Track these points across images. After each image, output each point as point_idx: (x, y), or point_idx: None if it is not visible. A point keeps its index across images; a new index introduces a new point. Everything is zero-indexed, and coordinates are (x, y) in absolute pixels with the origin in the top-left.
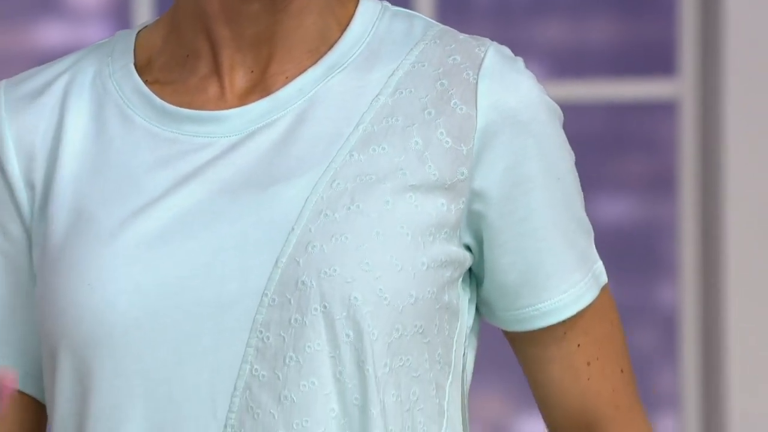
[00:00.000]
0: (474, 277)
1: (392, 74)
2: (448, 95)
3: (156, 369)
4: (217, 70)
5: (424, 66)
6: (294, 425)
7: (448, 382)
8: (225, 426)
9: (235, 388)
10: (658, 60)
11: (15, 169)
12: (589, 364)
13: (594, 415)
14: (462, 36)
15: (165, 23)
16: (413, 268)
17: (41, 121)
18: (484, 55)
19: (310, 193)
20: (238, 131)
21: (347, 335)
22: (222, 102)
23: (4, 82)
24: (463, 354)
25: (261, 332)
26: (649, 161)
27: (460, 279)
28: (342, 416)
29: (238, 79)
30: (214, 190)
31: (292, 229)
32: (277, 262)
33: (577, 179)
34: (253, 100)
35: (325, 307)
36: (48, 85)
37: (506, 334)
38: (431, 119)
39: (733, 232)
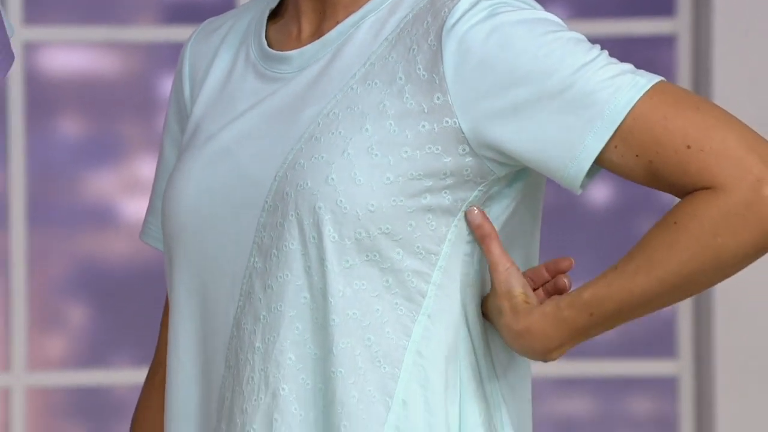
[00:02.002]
0: (524, 178)
1: (405, 17)
2: (428, 32)
3: (205, 258)
4: (297, 15)
5: (427, 7)
6: (272, 308)
7: (436, 267)
8: (237, 307)
9: (244, 276)
10: (659, 2)
11: (186, 89)
12: (651, 161)
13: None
14: None
15: None
16: (374, 182)
17: (204, 56)
18: None
19: (311, 121)
20: (297, 68)
21: (313, 237)
22: (297, 42)
23: (209, 18)
24: (469, 242)
25: (261, 232)
26: None
27: (476, 184)
28: (311, 302)
29: (308, 22)
30: (262, 116)
31: (292, 149)
32: (275, 175)
33: (554, 41)
34: (311, 41)
35: (297, 213)
36: (221, 25)
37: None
38: (413, 56)
39: None
